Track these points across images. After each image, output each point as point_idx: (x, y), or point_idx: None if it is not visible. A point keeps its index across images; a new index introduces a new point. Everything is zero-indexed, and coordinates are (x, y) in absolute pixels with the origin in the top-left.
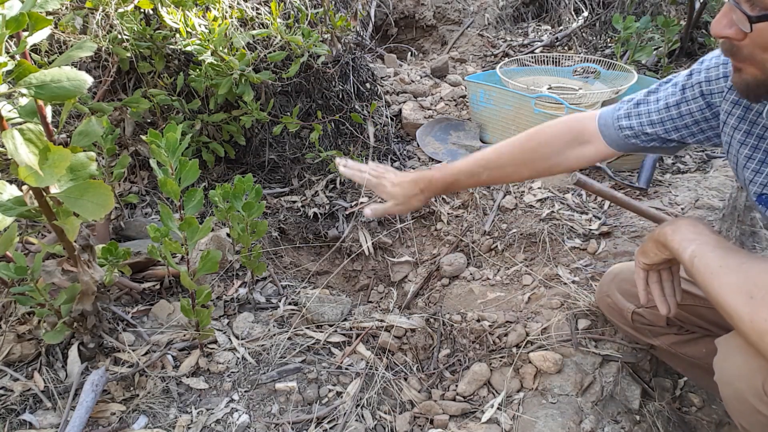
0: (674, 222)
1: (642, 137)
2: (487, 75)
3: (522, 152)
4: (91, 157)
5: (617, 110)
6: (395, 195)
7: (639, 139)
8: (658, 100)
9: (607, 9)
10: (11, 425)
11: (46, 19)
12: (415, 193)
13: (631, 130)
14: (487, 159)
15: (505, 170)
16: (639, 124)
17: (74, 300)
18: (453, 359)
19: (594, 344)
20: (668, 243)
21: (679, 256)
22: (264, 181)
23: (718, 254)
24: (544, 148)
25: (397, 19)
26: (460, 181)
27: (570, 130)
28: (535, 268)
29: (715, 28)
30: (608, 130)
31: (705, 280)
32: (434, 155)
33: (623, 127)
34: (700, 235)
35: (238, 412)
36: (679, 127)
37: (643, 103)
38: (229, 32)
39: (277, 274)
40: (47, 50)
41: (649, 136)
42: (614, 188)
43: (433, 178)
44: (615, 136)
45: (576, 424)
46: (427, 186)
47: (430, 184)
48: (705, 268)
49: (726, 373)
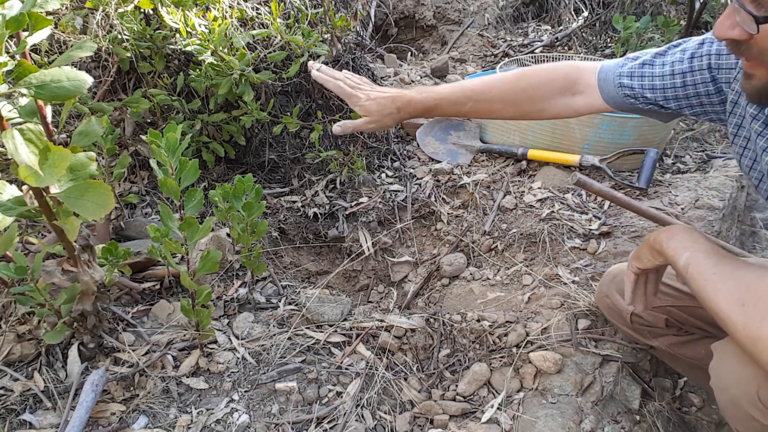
0: (670, 229)
1: (640, 99)
2: (487, 75)
3: (512, 91)
4: (91, 157)
5: (620, 67)
6: (369, 110)
7: (637, 100)
8: (664, 65)
9: (607, 9)
10: (11, 425)
11: (46, 19)
12: (391, 112)
13: (631, 90)
14: (474, 90)
15: (491, 105)
16: (641, 86)
17: (74, 300)
18: (453, 359)
19: (594, 344)
20: (664, 250)
21: (674, 263)
22: (264, 181)
23: (711, 261)
24: (535, 91)
25: (397, 19)
26: (441, 108)
27: (565, 78)
28: (535, 268)
29: (718, 30)
30: (608, 85)
31: (699, 287)
32: (434, 155)
33: (624, 85)
34: (695, 242)
35: (238, 412)
36: (679, 96)
37: (648, 65)
38: (229, 32)
39: (277, 274)
40: (47, 50)
41: (648, 101)
42: (614, 188)
43: (413, 99)
44: (613, 93)
45: (576, 424)
46: (405, 105)
47: (409, 104)
48: (699, 276)
49: (722, 380)
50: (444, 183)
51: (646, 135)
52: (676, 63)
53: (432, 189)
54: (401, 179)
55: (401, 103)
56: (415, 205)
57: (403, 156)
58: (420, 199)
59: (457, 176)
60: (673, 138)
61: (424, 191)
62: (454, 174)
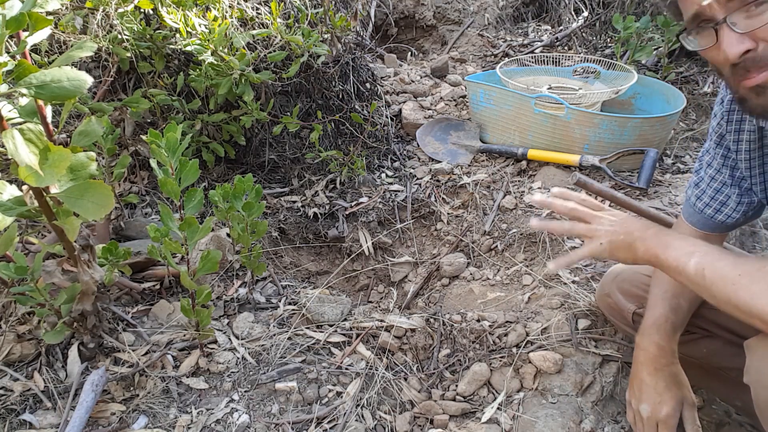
0: (656, 236)
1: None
2: (487, 75)
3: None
4: (91, 157)
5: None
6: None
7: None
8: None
9: (607, 9)
10: (11, 425)
11: (46, 19)
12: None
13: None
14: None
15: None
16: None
17: (74, 300)
18: (453, 359)
19: (594, 344)
20: (662, 261)
21: (679, 270)
22: (264, 181)
23: (728, 261)
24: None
25: (397, 19)
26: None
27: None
28: (535, 268)
29: (731, 51)
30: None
31: (724, 290)
32: (434, 155)
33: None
34: (696, 246)
35: (238, 412)
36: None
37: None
38: (229, 32)
39: (277, 274)
40: (47, 50)
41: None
42: (614, 188)
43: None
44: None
45: (576, 424)
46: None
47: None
48: (721, 279)
49: (764, 376)
50: (444, 183)
51: (646, 135)
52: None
53: (432, 189)
54: (401, 179)
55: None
56: (415, 205)
57: (403, 156)
58: (420, 199)
59: (457, 176)
60: (673, 138)
61: (424, 191)
62: (454, 174)
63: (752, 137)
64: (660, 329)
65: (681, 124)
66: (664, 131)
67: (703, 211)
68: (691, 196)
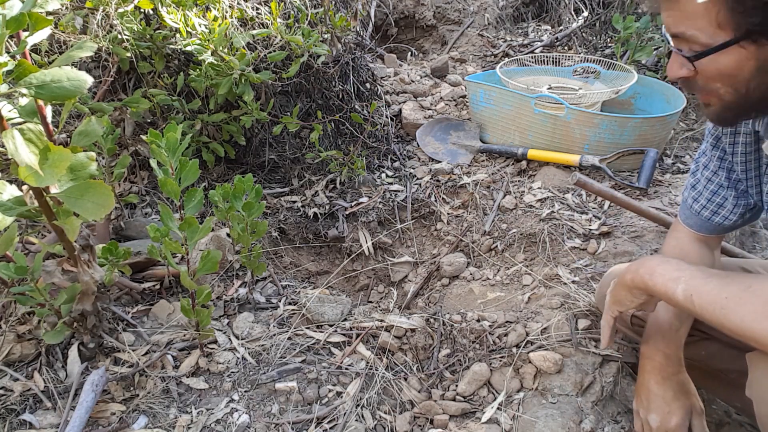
0: (642, 264)
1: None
2: (487, 75)
3: None
4: (91, 157)
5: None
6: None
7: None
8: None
9: (607, 9)
10: (11, 425)
11: (46, 19)
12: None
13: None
14: None
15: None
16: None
17: (74, 300)
18: (453, 359)
19: (594, 344)
20: (650, 288)
21: (669, 296)
22: (264, 181)
23: (714, 284)
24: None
25: (397, 19)
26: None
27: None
28: (535, 268)
29: (671, 72)
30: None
31: (714, 315)
32: (434, 155)
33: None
34: (681, 270)
35: (238, 412)
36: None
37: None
38: (229, 32)
39: (277, 274)
40: (47, 50)
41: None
42: (614, 188)
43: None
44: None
45: (576, 424)
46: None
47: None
48: (710, 304)
49: (765, 391)
50: (444, 183)
51: (646, 135)
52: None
53: (432, 189)
54: (401, 179)
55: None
56: (415, 205)
57: (403, 156)
58: (420, 199)
59: (457, 176)
60: (673, 138)
61: (424, 191)
62: (454, 174)
63: (748, 140)
64: (665, 337)
65: (681, 124)
66: (664, 131)
67: (700, 213)
68: (687, 198)
